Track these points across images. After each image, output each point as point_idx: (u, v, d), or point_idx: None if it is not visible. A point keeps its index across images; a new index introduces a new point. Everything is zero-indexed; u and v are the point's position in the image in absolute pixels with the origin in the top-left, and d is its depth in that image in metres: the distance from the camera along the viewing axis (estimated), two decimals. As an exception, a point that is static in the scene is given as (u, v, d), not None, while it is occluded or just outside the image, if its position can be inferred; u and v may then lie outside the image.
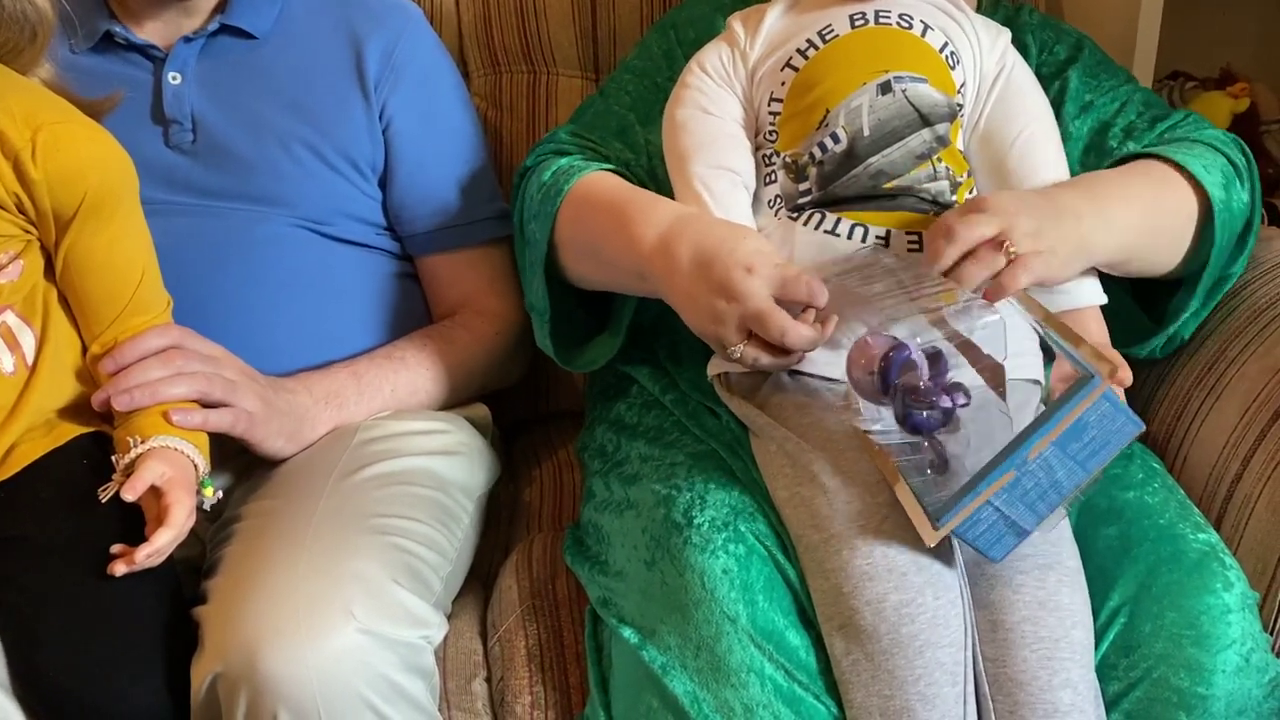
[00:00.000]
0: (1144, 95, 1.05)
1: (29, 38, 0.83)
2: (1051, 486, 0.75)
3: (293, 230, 1.02)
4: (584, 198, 0.96)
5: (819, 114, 0.92)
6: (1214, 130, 1.01)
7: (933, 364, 0.79)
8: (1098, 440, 0.75)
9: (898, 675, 0.77)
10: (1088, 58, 1.06)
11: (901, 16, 0.95)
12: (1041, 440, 0.74)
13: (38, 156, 0.80)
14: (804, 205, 0.93)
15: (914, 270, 0.83)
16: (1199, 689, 0.80)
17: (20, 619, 0.80)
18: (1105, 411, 0.75)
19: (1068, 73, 1.04)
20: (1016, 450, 0.75)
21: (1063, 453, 0.75)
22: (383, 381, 1.01)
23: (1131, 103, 1.03)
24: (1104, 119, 1.02)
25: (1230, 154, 0.97)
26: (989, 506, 0.75)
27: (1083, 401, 0.74)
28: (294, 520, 0.86)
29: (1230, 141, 1.00)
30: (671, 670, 0.81)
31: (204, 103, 1.01)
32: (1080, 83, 1.04)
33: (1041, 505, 0.76)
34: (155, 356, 0.87)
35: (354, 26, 1.05)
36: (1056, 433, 0.75)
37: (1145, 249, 0.94)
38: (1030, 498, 0.75)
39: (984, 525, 0.76)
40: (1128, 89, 1.04)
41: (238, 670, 0.77)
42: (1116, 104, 1.03)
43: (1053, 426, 0.74)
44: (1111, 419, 0.75)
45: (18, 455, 0.84)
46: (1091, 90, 1.04)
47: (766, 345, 0.85)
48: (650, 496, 0.89)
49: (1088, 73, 1.04)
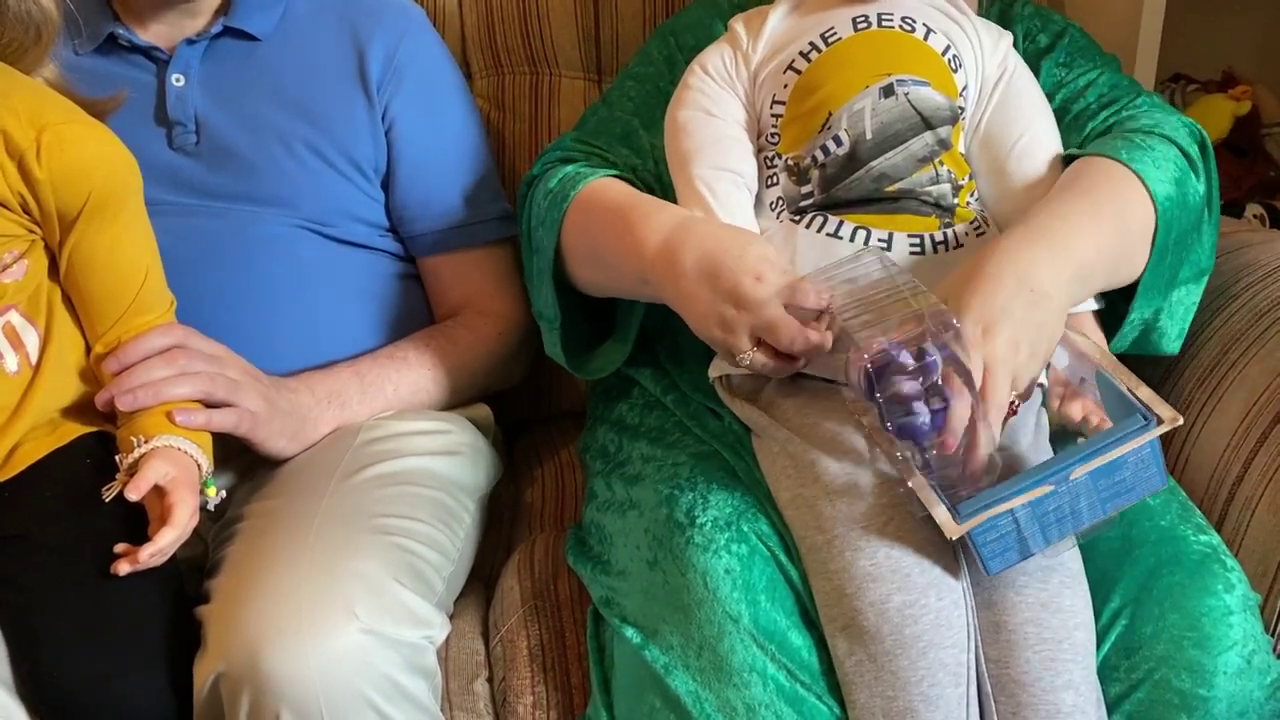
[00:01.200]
0: (1112, 78, 1.02)
1: (34, 38, 0.83)
2: (1071, 514, 0.75)
3: (295, 231, 1.02)
4: (589, 203, 0.96)
5: (821, 117, 0.93)
6: (1166, 116, 0.97)
7: (922, 370, 0.78)
8: (1126, 483, 0.75)
9: (901, 676, 0.77)
10: (1068, 44, 1.04)
11: (904, 19, 0.95)
12: (1085, 464, 0.74)
13: (42, 156, 0.80)
14: (806, 208, 0.93)
15: (909, 275, 0.83)
16: (1200, 691, 0.80)
17: (23, 618, 0.80)
18: (1144, 457, 0.74)
19: (1041, 62, 1.03)
20: (1058, 467, 0.74)
21: (1093, 484, 0.74)
22: (385, 381, 1.02)
23: (1094, 85, 1.01)
24: (1065, 103, 1.00)
25: (1183, 144, 0.94)
26: (1009, 515, 0.74)
27: (1132, 440, 0.74)
28: (296, 520, 0.86)
29: (1182, 128, 0.96)
30: (674, 670, 0.82)
31: (207, 104, 1.01)
32: (1049, 71, 1.02)
33: (1054, 530, 0.76)
34: (159, 356, 0.87)
35: (356, 28, 1.06)
36: (1098, 462, 0.74)
37: (1115, 277, 0.92)
38: (1049, 519, 0.75)
39: (996, 533, 0.75)
40: (1095, 73, 1.02)
41: (240, 670, 0.77)
42: (1081, 84, 1.01)
43: (1097, 455, 0.74)
44: (1146, 466, 0.75)
45: (21, 454, 0.84)
46: (1057, 79, 1.02)
47: (774, 351, 0.85)
48: (652, 496, 0.90)
49: (1060, 61, 1.03)
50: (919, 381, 0.77)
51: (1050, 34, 1.06)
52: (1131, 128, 0.95)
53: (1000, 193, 0.95)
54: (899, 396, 0.77)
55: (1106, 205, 0.88)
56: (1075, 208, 0.87)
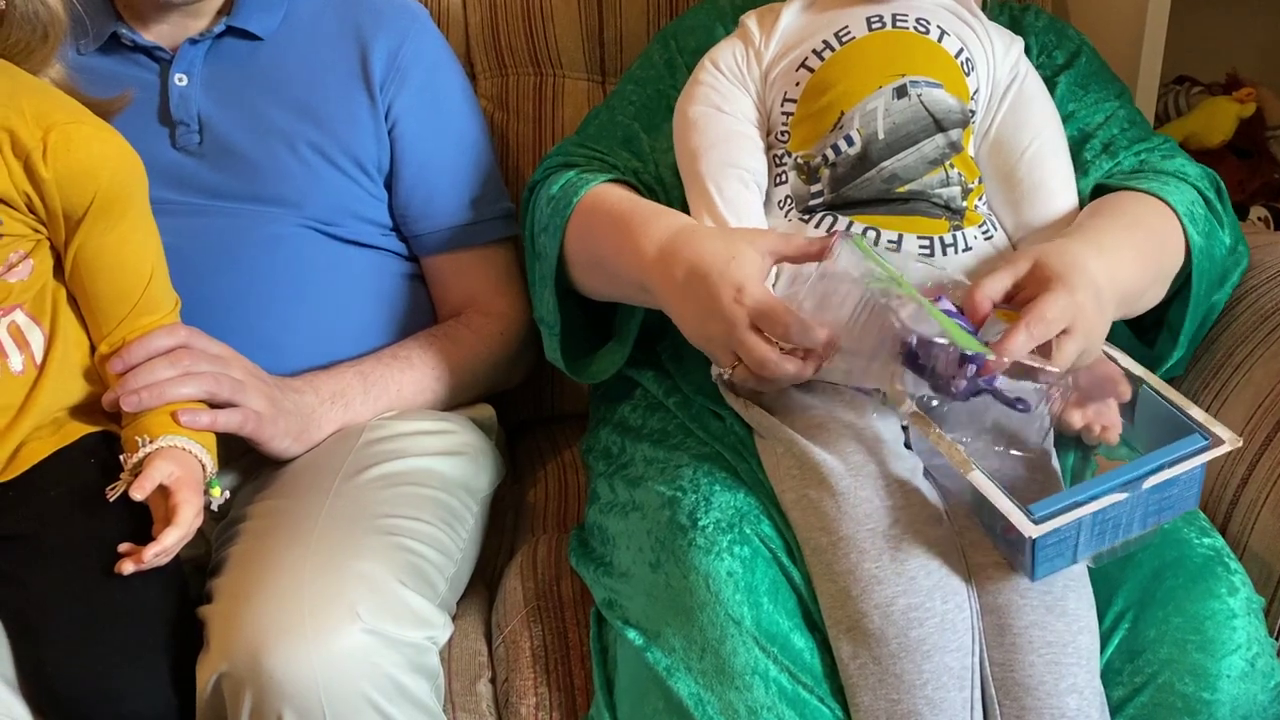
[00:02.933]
0: (1129, 113, 1.04)
1: (40, 38, 0.83)
2: (1124, 525, 0.75)
3: (299, 230, 1.02)
4: (592, 209, 0.95)
5: (833, 116, 0.92)
6: (1187, 162, 1.00)
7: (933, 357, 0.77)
8: (1172, 500, 0.75)
9: (905, 679, 0.77)
10: (1083, 65, 1.05)
11: (919, 20, 0.95)
12: (1155, 476, 0.73)
13: (49, 156, 0.80)
14: (815, 207, 0.93)
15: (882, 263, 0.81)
16: (1204, 694, 0.80)
17: (27, 617, 0.80)
18: (1193, 476, 0.74)
19: (1058, 79, 1.03)
20: (1129, 476, 0.73)
21: (1149, 498, 0.74)
22: (389, 381, 1.02)
23: (1115, 118, 1.02)
24: (1085, 129, 1.01)
25: (1203, 189, 0.97)
26: (1076, 521, 0.73)
27: (1192, 459, 0.73)
28: (300, 520, 0.86)
29: (1203, 177, 0.99)
30: (676, 672, 0.81)
31: (210, 104, 1.01)
32: (1066, 90, 1.03)
33: (1104, 539, 0.75)
34: (163, 356, 0.87)
35: (360, 28, 1.06)
36: (1160, 477, 0.74)
37: (1133, 309, 0.94)
38: (1105, 527, 0.74)
39: (1057, 538, 0.74)
40: (1113, 104, 1.03)
41: (243, 670, 0.77)
42: (1100, 116, 1.02)
43: (1162, 468, 0.73)
44: (1189, 487, 0.75)
45: (26, 454, 0.85)
46: (1076, 100, 1.03)
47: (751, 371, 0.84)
48: (655, 499, 0.89)
49: (1077, 82, 1.04)
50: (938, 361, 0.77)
51: (1066, 51, 1.06)
52: (1161, 169, 0.97)
53: (1009, 197, 0.95)
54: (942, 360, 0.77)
55: (1149, 242, 0.91)
56: (1128, 238, 0.89)
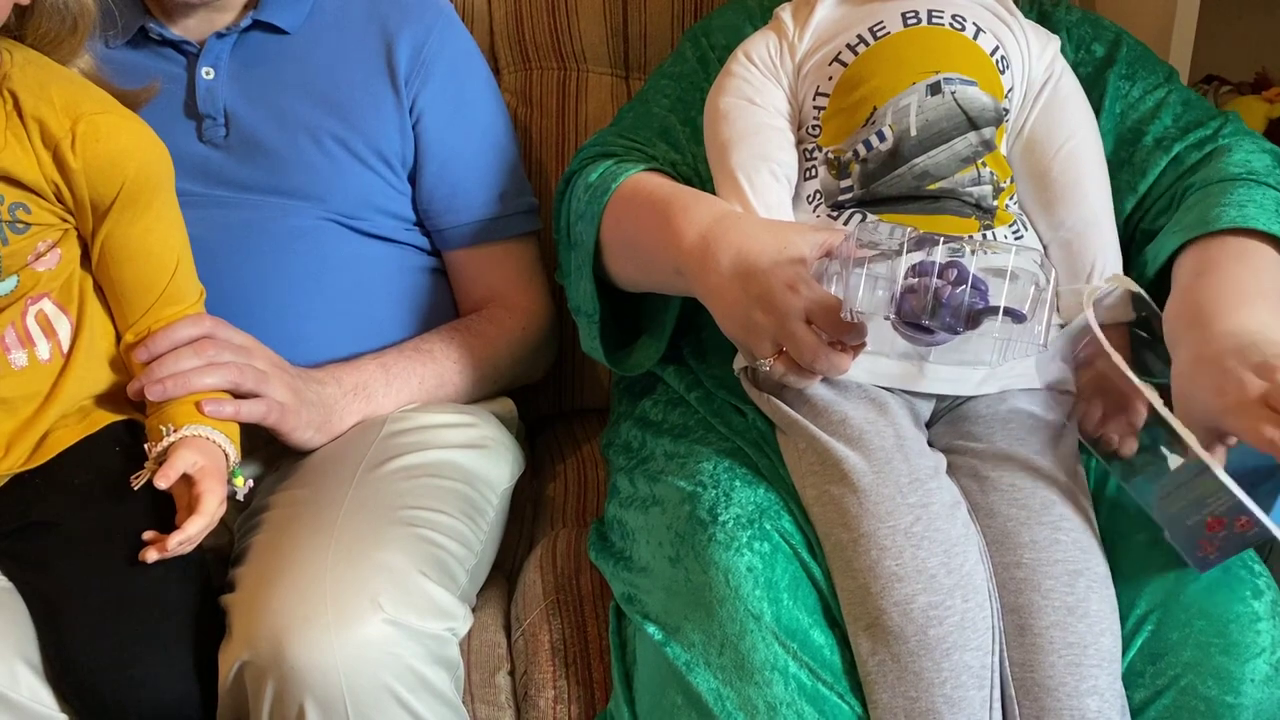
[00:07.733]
0: (1181, 94, 1.01)
1: (70, 28, 0.84)
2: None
3: (323, 224, 1.03)
4: (631, 195, 0.95)
5: (866, 111, 0.92)
6: (1250, 147, 0.95)
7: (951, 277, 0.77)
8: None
9: (924, 677, 0.77)
10: (1126, 54, 1.03)
11: (954, 17, 0.94)
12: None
13: (77, 146, 0.81)
14: (844, 203, 0.92)
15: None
16: (1227, 698, 0.79)
17: (52, 604, 0.81)
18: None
19: (1106, 75, 1.02)
20: None
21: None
22: (410, 374, 1.02)
23: (1166, 105, 1.00)
24: (1138, 120, 1.00)
25: (1275, 183, 0.92)
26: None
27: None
28: (322, 510, 0.86)
29: (1273, 167, 0.94)
30: (695, 667, 0.81)
31: (236, 98, 1.02)
32: (1117, 81, 1.01)
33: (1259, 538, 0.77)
34: (188, 346, 0.88)
35: (385, 22, 1.06)
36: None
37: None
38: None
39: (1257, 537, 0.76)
40: (1162, 91, 1.01)
41: (265, 658, 0.78)
42: (1151, 104, 1.00)
43: None
44: None
45: (52, 442, 0.85)
46: (1126, 84, 1.01)
47: (794, 363, 0.84)
48: (675, 493, 0.89)
49: (1124, 74, 1.02)
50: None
51: (1105, 42, 1.04)
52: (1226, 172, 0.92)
53: (1041, 197, 0.94)
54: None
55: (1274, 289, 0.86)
56: (1262, 299, 0.84)
